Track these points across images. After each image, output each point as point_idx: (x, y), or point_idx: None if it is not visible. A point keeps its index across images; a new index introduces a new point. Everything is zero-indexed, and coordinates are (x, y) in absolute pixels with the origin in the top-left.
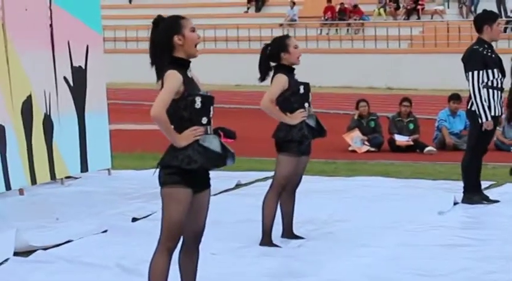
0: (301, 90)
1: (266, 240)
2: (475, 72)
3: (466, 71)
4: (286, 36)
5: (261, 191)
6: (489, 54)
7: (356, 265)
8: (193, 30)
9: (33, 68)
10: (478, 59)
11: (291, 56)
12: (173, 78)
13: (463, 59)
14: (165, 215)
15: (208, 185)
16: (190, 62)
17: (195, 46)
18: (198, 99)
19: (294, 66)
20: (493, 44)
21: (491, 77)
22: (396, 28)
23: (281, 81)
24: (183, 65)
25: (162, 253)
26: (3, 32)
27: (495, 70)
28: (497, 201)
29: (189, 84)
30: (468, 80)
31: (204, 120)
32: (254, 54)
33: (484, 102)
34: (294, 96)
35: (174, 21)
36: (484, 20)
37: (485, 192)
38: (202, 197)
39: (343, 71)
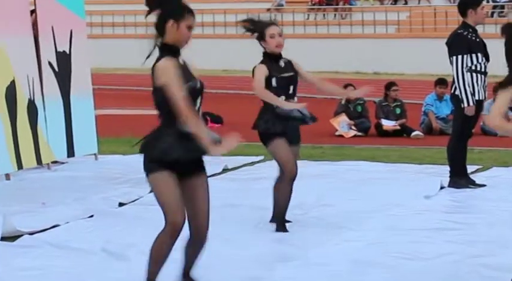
0: (273, 83)
1: (282, 227)
2: (459, 57)
3: (450, 55)
4: (267, 24)
5: (248, 176)
6: (473, 38)
7: (343, 248)
8: (189, 27)
9: (15, 53)
10: (462, 43)
11: (267, 45)
12: (169, 70)
13: (447, 43)
14: (158, 198)
15: (200, 170)
16: (179, 48)
17: (185, 42)
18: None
19: (278, 54)
20: (480, 28)
21: (475, 61)
22: (383, 13)
23: (260, 70)
24: (173, 52)
25: (166, 232)
26: None
27: (479, 54)
28: (483, 185)
29: (180, 72)
30: (452, 64)
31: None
32: (241, 40)
33: (467, 87)
34: (268, 88)
35: (179, 7)
36: (468, 4)
37: (472, 176)
38: (193, 182)
39: (330, 56)
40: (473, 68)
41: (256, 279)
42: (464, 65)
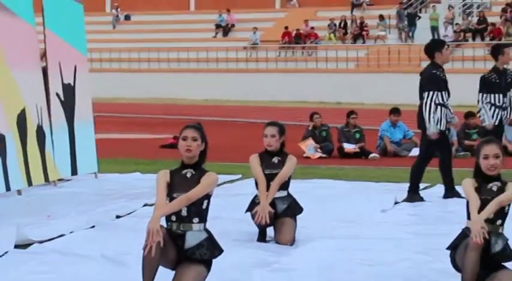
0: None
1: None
2: (431, 93)
3: (424, 90)
4: (266, 124)
5: (228, 193)
6: (443, 77)
7: (310, 255)
8: (184, 138)
9: (25, 85)
10: (437, 82)
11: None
12: (156, 178)
13: (422, 80)
14: None
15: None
16: (186, 164)
17: (185, 151)
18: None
19: (271, 151)
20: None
21: (443, 98)
22: (344, 51)
23: (254, 160)
24: (181, 165)
25: None
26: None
27: (446, 92)
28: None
29: (174, 184)
30: (423, 98)
31: (173, 217)
32: (221, 73)
33: (432, 117)
34: None
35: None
36: (434, 47)
37: (420, 192)
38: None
39: (299, 88)
40: (441, 103)
41: None
42: (434, 100)
